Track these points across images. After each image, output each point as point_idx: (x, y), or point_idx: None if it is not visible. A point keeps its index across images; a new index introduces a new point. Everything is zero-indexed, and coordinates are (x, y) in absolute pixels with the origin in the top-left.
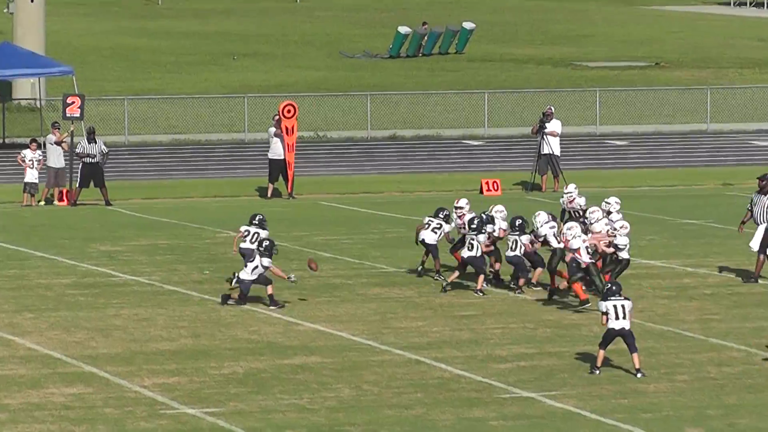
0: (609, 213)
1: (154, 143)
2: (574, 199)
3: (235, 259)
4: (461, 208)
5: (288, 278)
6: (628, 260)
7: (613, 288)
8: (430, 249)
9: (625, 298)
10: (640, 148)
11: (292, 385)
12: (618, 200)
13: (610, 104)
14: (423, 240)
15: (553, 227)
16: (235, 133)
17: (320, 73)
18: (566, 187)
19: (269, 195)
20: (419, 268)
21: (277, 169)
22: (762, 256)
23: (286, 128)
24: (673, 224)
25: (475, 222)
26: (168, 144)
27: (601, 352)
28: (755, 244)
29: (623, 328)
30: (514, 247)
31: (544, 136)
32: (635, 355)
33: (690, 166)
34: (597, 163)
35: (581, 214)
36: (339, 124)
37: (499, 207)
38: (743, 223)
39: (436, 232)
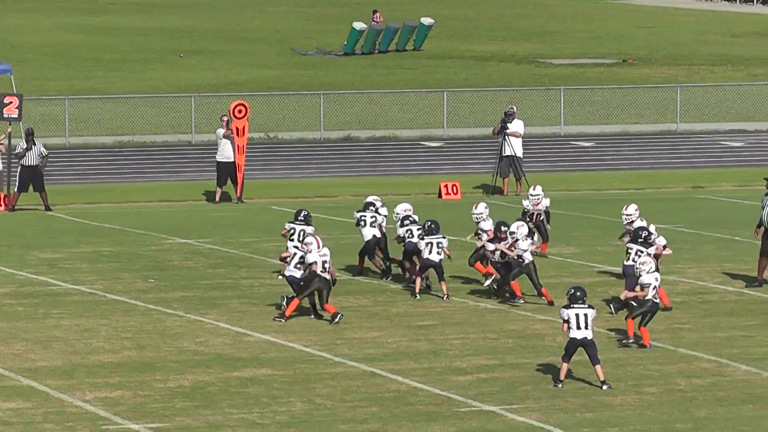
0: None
1: (97, 145)
2: (540, 201)
3: (182, 267)
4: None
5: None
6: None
7: (577, 294)
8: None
9: (589, 307)
10: (606, 149)
11: (241, 398)
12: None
13: (575, 103)
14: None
15: (533, 243)
16: (182, 134)
17: (271, 71)
18: (533, 189)
19: (217, 199)
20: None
21: (226, 172)
22: (765, 260)
23: (237, 129)
24: None
25: (429, 226)
26: (111, 146)
27: (565, 365)
28: (766, 249)
29: (585, 338)
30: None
31: (506, 137)
32: (598, 367)
33: (659, 168)
34: (561, 165)
35: (546, 218)
36: (291, 125)
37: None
38: (759, 227)
39: (374, 227)
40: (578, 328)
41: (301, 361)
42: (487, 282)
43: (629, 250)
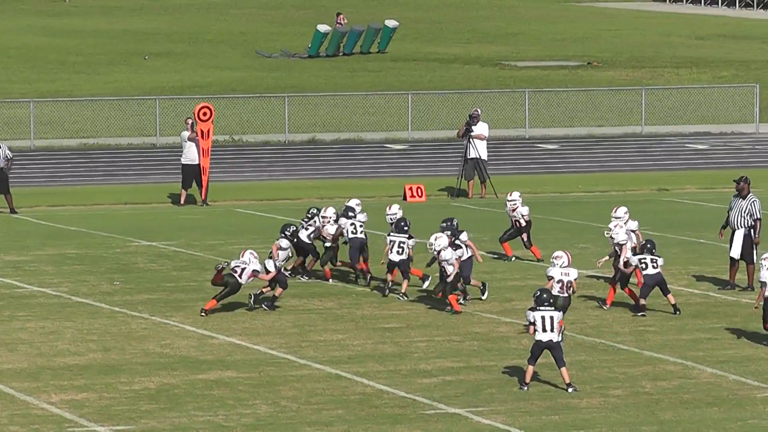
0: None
1: (62, 148)
2: (517, 207)
3: (147, 269)
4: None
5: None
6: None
7: (543, 296)
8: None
9: (555, 309)
10: (571, 151)
11: (206, 401)
12: (626, 210)
13: (540, 106)
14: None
15: (453, 254)
16: (147, 137)
17: (236, 74)
18: (510, 194)
19: (182, 202)
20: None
21: (191, 174)
22: (737, 263)
23: (202, 132)
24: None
25: (406, 225)
26: (76, 148)
27: (530, 367)
28: (736, 252)
29: (551, 340)
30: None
31: (471, 140)
32: (564, 369)
33: (624, 171)
34: (527, 167)
35: (524, 223)
36: (255, 127)
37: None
38: (723, 228)
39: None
40: (543, 330)
41: (267, 364)
42: (425, 284)
43: (643, 261)
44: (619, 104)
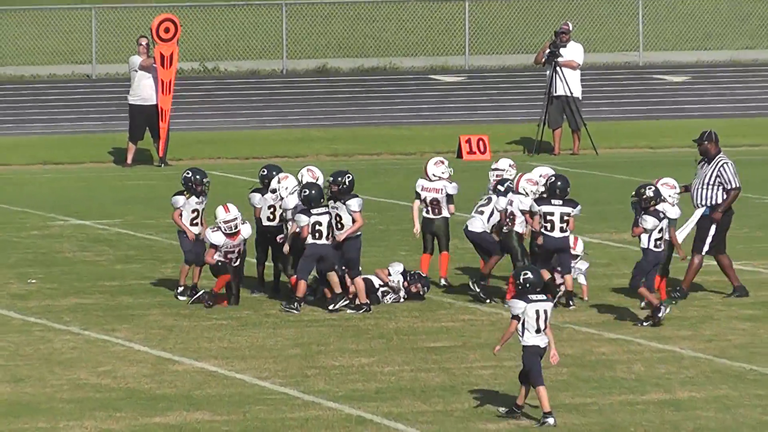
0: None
1: None
2: (502, 177)
3: (77, 261)
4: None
5: None
6: None
7: (533, 278)
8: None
9: (549, 298)
10: (705, 85)
11: None
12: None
13: (660, 18)
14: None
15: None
16: (77, 64)
17: None
18: (496, 163)
19: (129, 161)
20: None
21: (144, 120)
22: (697, 259)
23: (162, 57)
24: None
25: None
26: None
27: (542, 389)
28: (682, 234)
29: (541, 347)
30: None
31: (557, 69)
32: (542, 391)
33: None
34: (639, 109)
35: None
36: (238, 51)
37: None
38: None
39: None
40: (538, 331)
41: (255, 401)
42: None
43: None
44: None
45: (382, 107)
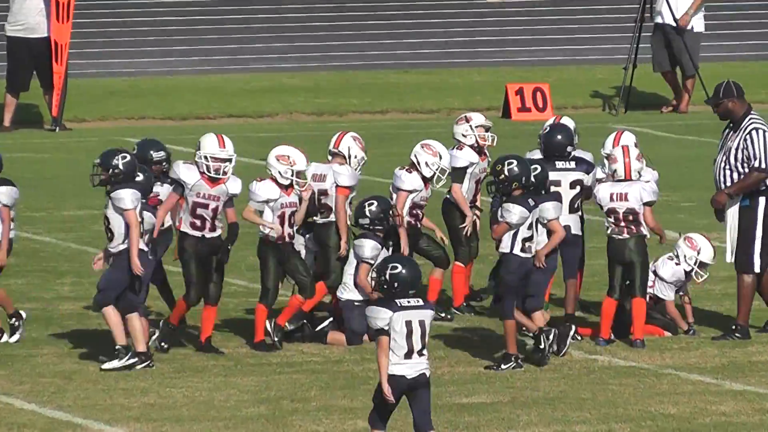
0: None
1: None
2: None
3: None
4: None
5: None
6: None
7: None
8: None
9: (423, 305)
10: None
11: None
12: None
13: None
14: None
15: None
16: None
17: None
18: (462, 121)
19: (7, 122)
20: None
21: (30, 62)
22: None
23: None
24: None
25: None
26: None
27: None
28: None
29: (417, 378)
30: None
31: None
32: None
33: None
34: None
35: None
36: None
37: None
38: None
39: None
40: (407, 355)
41: None
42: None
43: None
44: None
45: (388, 40)
